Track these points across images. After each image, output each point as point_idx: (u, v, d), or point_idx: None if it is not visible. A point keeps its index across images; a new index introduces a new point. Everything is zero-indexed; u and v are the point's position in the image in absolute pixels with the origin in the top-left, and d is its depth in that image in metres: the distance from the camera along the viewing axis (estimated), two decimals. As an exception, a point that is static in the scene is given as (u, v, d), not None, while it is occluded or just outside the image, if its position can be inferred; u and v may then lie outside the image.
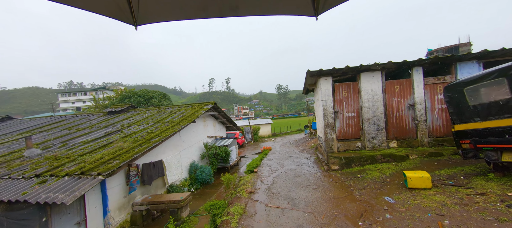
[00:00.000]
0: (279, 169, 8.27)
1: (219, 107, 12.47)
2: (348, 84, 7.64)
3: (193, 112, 10.08)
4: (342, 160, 6.96)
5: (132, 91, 26.15)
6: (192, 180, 9.54)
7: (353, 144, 7.53)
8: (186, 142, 9.86)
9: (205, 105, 11.20)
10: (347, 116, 7.64)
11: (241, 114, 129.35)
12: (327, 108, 7.52)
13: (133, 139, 6.98)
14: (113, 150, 5.92)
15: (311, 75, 7.52)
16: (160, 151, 7.86)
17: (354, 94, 7.63)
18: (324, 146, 8.08)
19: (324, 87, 7.53)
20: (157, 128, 8.14)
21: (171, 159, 8.19)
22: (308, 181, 6.39)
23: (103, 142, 6.93)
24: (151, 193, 7.15)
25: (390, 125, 7.46)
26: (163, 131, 7.51)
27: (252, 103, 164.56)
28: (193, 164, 9.85)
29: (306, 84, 8.92)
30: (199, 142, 11.09)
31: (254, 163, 9.18)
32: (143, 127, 8.63)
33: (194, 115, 9.56)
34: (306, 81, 8.46)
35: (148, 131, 7.70)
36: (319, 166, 8.15)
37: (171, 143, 8.57)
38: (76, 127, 9.80)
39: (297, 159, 10.21)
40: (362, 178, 5.90)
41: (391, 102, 7.48)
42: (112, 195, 5.71)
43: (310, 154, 11.95)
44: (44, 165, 5.33)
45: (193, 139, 10.55)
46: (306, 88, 9.83)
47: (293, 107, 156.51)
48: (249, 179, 7.27)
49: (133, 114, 11.46)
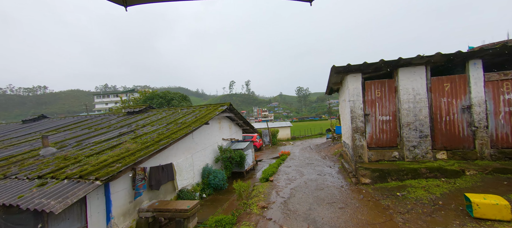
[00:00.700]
0: (298, 179, 7.33)
1: (235, 108, 11.90)
2: (382, 82, 6.45)
3: (207, 113, 9.63)
4: (375, 172, 5.80)
5: (154, 93, 27.12)
6: (204, 184, 9.04)
7: (388, 153, 6.29)
8: (200, 144, 9.42)
9: (220, 107, 10.71)
10: (380, 120, 6.44)
11: (260, 116, 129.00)
12: (356, 111, 6.42)
13: (143, 140, 6.66)
14: (119, 152, 5.61)
15: (337, 72, 6.50)
16: (171, 153, 7.47)
17: (389, 94, 6.42)
18: (351, 154, 6.95)
19: (352, 86, 6.45)
20: (168, 129, 7.79)
21: (182, 162, 7.76)
22: (332, 196, 5.37)
23: (113, 143, 6.73)
24: (159, 199, 6.74)
25: (438, 132, 6.08)
26: (174, 133, 7.10)
27: (272, 106, 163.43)
28: (206, 168, 9.36)
29: (330, 83, 7.87)
30: (213, 144, 10.62)
31: (270, 169, 8.36)
32: (156, 127, 8.37)
33: (208, 116, 9.08)
34: (330, 79, 7.44)
35: (159, 132, 7.37)
36: (345, 177, 7.03)
37: (183, 145, 8.16)
38: (95, 127, 9.99)
39: (318, 167, 9.13)
40: (403, 197, 4.73)
41: (438, 103, 6.11)
42: (117, 200, 5.36)
43: (334, 161, 10.72)
44: (52, 165, 5.17)
45: (207, 141, 10.09)
46: (330, 88, 8.73)
47: (313, 110, 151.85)
48: (263, 189, 6.47)
49: (149, 114, 11.43)
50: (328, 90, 9.01)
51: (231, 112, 12.05)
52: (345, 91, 7.13)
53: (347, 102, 6.97)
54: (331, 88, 8.72)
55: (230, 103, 11.20)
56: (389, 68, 6.34)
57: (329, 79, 7.45)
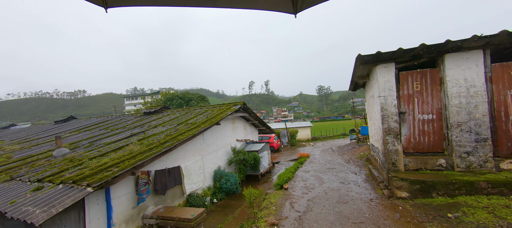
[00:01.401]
0: (317, 187, 6.40)
1: (249, 108, 11.28)
2: (422, 72, 5.25)
3: (219, 113, 9.14)
4: (415, 184, 4.67)
5: (174, 94, 27.86)
6: (216, 188, 8.55)
7: (432, 161, 5.07)
8: (211, 145, 8.97)
9: (233, 106, 10.17)
10: (420, 119, 5.24)
11: (279, 116, 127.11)
12: (388, 108, 5.31)
13: (149, 141, 6.35)
14: (122, 154, 5.32)
15: (363, 62, 5.45)
16: (179, 155, 7.09)
17: (432, 87, 5.18)
18: (382, 160, 5.83)
19: (383, 78, 5.35)
20: (177, 130, 7.44)
21: (191, 165, 7.34)
22: (359, 214, 4.40)
23: (121, 144, 6.55)
24: (166, 204, 6.38)
25: (502, 134, 4.71)
26: (181, 134, 6.70)
27: (292, 106, 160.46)
28: (218, 171, 8.88)
29: (354, 77, 6.78)
30: (226, 145, 10.11)
31: (285, 174, 7.54)
32: (166, 128, 8.11)
33: (219, 116, 8.58)
34: (354, 72, 6.37)
35: (167, 133, 7.04)
36: (375, 187, 5.93)
37: (192, 147, 7.76)
38: (112, 127, 10.15)
39: (341, 173, 8.05)
40: (458, 221, 3.60)
41: (503, 97, 4.73)
42: (118, 206, 5.05)
43: (359, 166, 9.48)
44: (56, 168, 5.05)
45: (219, 142, 9.62)
46: (354, 83, 7.58)
47: (335, 109, 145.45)
48: (276, 199, 5.69)
49: (164, 114, 11.37)
50: (352, 85, 7.85)
51: (245, 112, 11.46)
52: (374, 85, 6.02)
53: (376, 99, 5.86)
54: (355, 83, 7.57)
55: (244, 103, 10.60)
56: (432, 55, 5.11)
57: (353, 72, 6.39)
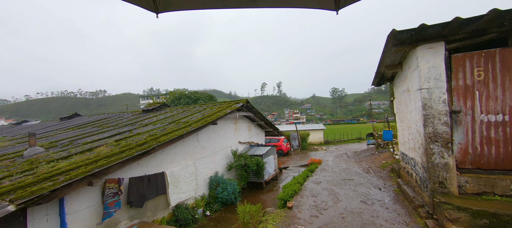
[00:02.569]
0: (330, 207, 5.00)
1: (254, 106, 10.06)
2: (487, 54, 3.70)
3: (217, 111, 8.01)
4: (481, 217, 3.16)
5: (182, 93, 27.38)
6: (211, 198, 7.41)
7: (504, 182, 3.51)
8: (207, 148, 7.85)
9: (235, 104, 9.00)
10: (484, 121, 3.70)
11: (291, 118, 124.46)
12: (434, 105, 3.83)
13: (128, 142, 5.34)
14: (86, 157, 4.31)
15: (398, 42, 4.01)
16: (165, 159, 6.02)
17: (504, 75, 3.63)
18: (422, 176, 4.33)
19: (427, 63, 3.87)
20: (165, 129, 6.39)
21: (180, 171, 6.25)
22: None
23: (96, 144, 5.60)
24: (145, 218, 5.29)
25: None
26: (165, 134, 5.62)
27: (304, 108, 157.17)
28: (214, 177, 7.73)
29: (382, 65, 5.30)
30: (226, 148, 8.96)
31: (292, 186, 6.21)
32: (157, 126, 7.11)
33: (216, 115, 7.44)
34: (383, 58, 4.90)
35: (151, 133, 6.00)
36: (410, 212, 4.42)
37: (183, 150, 6.68)
38: (105, 125, 9.42)
39: (361, 187, 6.54)
40: None
41: None
42: (76, 222, 4.02)
43: (383, 178, 7.87)
44: (6, 171, 4.15)
45: (218, 144, 8.48)
46: (380, 75, 6.05)
47: (350, 112, 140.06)
48: (277, 220, 4.38)
49: (161, 112, 10.49)
50: (377, 79, 6.31)
51: (249, 111, 10.25)
52: (411, 75, 4.54)
53: (414, 93, 4.38)
54: (382, 75, 6.04)
55: (247, 100, 9.40)
56: (503, 29, 3.57)
57: (381, 59, 4.93)
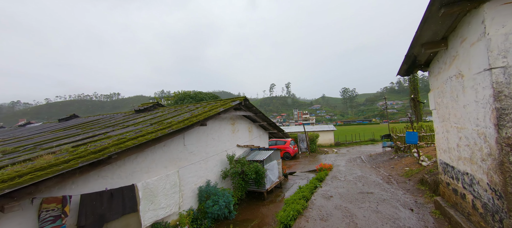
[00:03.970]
0: (347, 236, 3.69)
1: (253, 105, 8.85)
2: None
3: (208, 110, 6.88)
4: None
5: (186, 93, 26.66)
6: (200, 212, 6.26)
7: None
8: (197, 153, 6.72)
9: (231, 102, 7.84)
10: None
11: (300, 119, 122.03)
12: None
13: (88, 148, 4.30)
14: (19, 168, 3.28)
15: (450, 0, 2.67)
16: (138, 168, 4.93)
17: None
18: (488, 202, 2.92)
19: (501, 28, 2.51)
20: (140, 131, 5.32)
21: (157, 182, 5.14)
22: None
23: (53, 150, 4.61)
24: (108, 242, 4.21)
25: None
26: (136, 137, 4.54)
27: (313, 109, 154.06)
28: (204, 188, 6.57)
29: (417, 43, 3.86)
30: (221, 153, 7.81)
31: (295, 202, 4.92)
32: (139, 127, 6.08)
33: (206, 114, 6.30)
34: (421, 31, 3.47)
35: (121, 138, 4.94)
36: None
37: (164, 156, 5.58)
38: (89, 126, 8.56)
39: (386, 205, 5.14)
40: None
41: None
42: (-2, 257, 2.99)
43: (410, 192, 6.39)
44: None
45: (211, 148, 7.35)
46: (412, 59, 4.52)
47: (361, 113, 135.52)
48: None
49: (152, 112, 9.53)
50: (408, 64, 4.78)
51: (248, 110, 9.05)
52: (468, 51, 3.14)
53: (475, 78, 3.01)
54: (414, 59, 4.56)
55: (245, 98, 8.22)
56: None
57: (418, 33, 3.53)
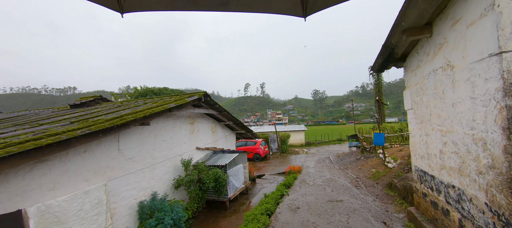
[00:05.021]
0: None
1: (215, 102, 7.76)
2: None
3: (155, 106, 5.60)
4: None
5: (149, 89, 24.13)
6: (139, 234, 4.96)
7: None
8: (138, 159, 5.37)
9: (188, 98, 6.63)
10: None
11: (274, 119, 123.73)
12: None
13: None
14: None
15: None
16: (32, 185, 3.47)
17: None
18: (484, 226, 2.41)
19: None
20: (44, 131, 3.84)
21: (68, 202, 3.73)
22: None
23: None
24: None
25: None
26: (23, 143, 3.13)
27: (287, 109, 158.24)
28: (147, 203, 5.27)
29: (397, 30, 3.09)
30: (174, 158, 6.56)
31: (256, 219, 4.07)
32: (55, 126, 4.49)
33: (148, 111, 5.02)
34: (405, 13, 2.87)
35: (8, 142, 3.43)
36: None
37: (82, 166, 4.15)
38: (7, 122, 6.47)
39: (357, 217, 4.61)
40: None
41: None
42: None
43: (380, 198, 6.09)
44: None
45: (160, 153, 6.05)
46: (389, 50, 3.79)
47: (330, 114, 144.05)
48: None
49: (89, 108, 7.73)
50: (383, 57, 4.13)
51: (210, 107, 7.94)
52: (463, 34, 2.56)
53: (472, 68, 2.45)
54: (391, 51, 3.94)
55: (206, 93, 7.10)
56: None
57: (400, 16, 2.91)
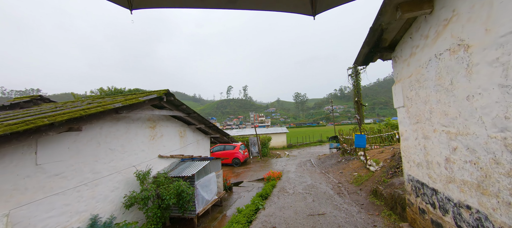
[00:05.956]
0: None
1: (182, 102, 6.71)
2: None
3: (92, 107, 4.42)
4: None
5: (117, 90, 21.93)
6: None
7: None
8: (70, 175, 4.13)
9: (144, 97, 5.47)
10: None
11: (257, 121, 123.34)
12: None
13: None
14: None
15: None
16: None
17: None
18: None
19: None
20: None
21: None
22: None
23: None
24: None
25: None
26: None
27: (269, 111, 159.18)
28: (82, 230, 4.05)
29: (392, 2, 2.57)
30: (126, 169, 5.36)
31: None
32: None
33: (76, 113, 3.85)
34: None
35: None
36: None
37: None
38: None
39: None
40: None
41: None
42: None
43: (366, 208, 5.52)
44: None
45: (105, 165, 4.84)
46: (377, 35, 3.05)
47: (311, 116, 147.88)
48: None
49: (20, 110, 6.20)
50: (371, 42, 3.19)
51: (176, 109, 6.86)
52: (481, 2, 2.01)
53: (503, 43, 1.85)
54: (379, 35, 3.23)
55: (168, 91, 6.03)
56: None
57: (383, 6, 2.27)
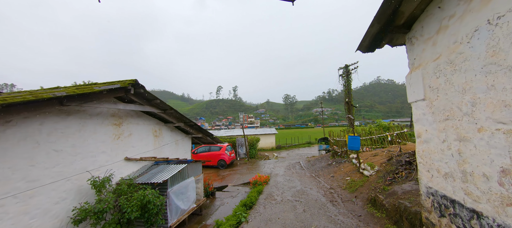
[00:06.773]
0: None
1: (155, 96, 5.74)
2: None
3: (20, 96, 3.40)
4: None
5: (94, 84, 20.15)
6: None
7: None
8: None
9: (102, 87, 4.49)
10: None
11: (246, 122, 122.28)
12: None
13: None
14: None
15: None
16: None
17: None
18: None
19: None
20: None
21: None
22: None
23: None
24: None
25: None
26: None
27: (259, 113, 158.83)
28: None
29: None
30: (77, 175, 4.32)
31: None
32: None
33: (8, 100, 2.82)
34: None
35: None
36: None
37: None
38: None
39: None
40: None
41: None
42: None
43: (365, 222, 4.89)
44: None
45: (47, 171, 3.77)
46: (395, 4, 2.49)
47: (300, 117, 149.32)
48: None
49: None
50: (384, 18, 2.46)
51: (147, 103, 5.87)
52: None
53: None
54: (394, 9, 2.64)
55: (136, 81, 5.06)
56: None
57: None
